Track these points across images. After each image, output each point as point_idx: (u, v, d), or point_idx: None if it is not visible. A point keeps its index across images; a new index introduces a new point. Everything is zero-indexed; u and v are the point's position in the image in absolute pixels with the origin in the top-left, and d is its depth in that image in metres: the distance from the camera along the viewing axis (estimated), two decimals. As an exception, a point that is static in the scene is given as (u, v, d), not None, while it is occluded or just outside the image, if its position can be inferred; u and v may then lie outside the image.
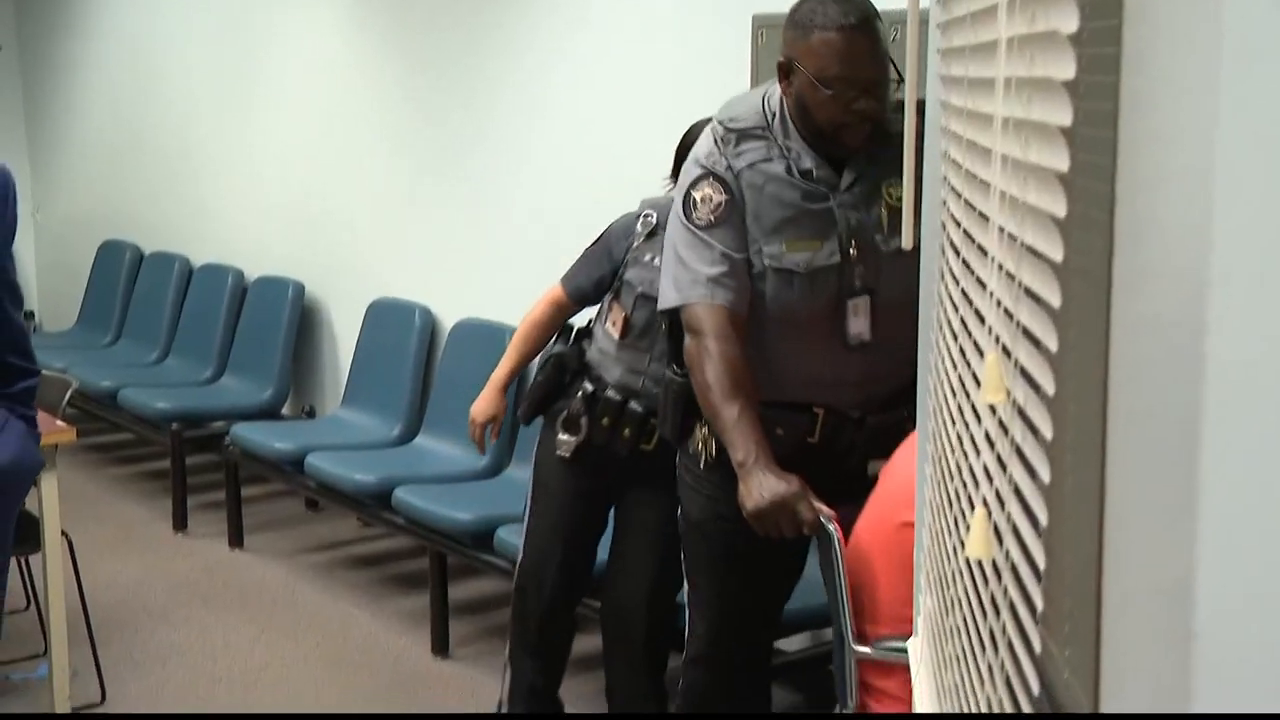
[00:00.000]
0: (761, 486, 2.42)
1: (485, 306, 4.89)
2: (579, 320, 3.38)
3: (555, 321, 3.38)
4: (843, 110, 2.53)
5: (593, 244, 3.32)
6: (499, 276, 4.89)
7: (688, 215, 2.62)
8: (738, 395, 2.50)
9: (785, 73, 2.58)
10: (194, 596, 4.67)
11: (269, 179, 6.04)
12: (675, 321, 2.72)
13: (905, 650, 2.21)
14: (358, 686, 3.97)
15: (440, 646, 4.20)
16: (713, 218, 2.61)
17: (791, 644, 3.67)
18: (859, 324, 2.61)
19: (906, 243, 1.76)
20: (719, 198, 2.61)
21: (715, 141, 2.64)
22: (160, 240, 6.72)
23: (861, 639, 2.30)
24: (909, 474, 2.31)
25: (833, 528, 2.36)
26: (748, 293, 2.60)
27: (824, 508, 2.41)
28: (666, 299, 2.65)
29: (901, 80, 2.55)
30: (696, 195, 2.62)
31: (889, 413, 2.63)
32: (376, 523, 4.76)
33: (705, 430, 2.72)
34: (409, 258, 5.31)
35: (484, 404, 3.49)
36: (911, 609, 2.28)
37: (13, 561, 4.25)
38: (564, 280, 3.37)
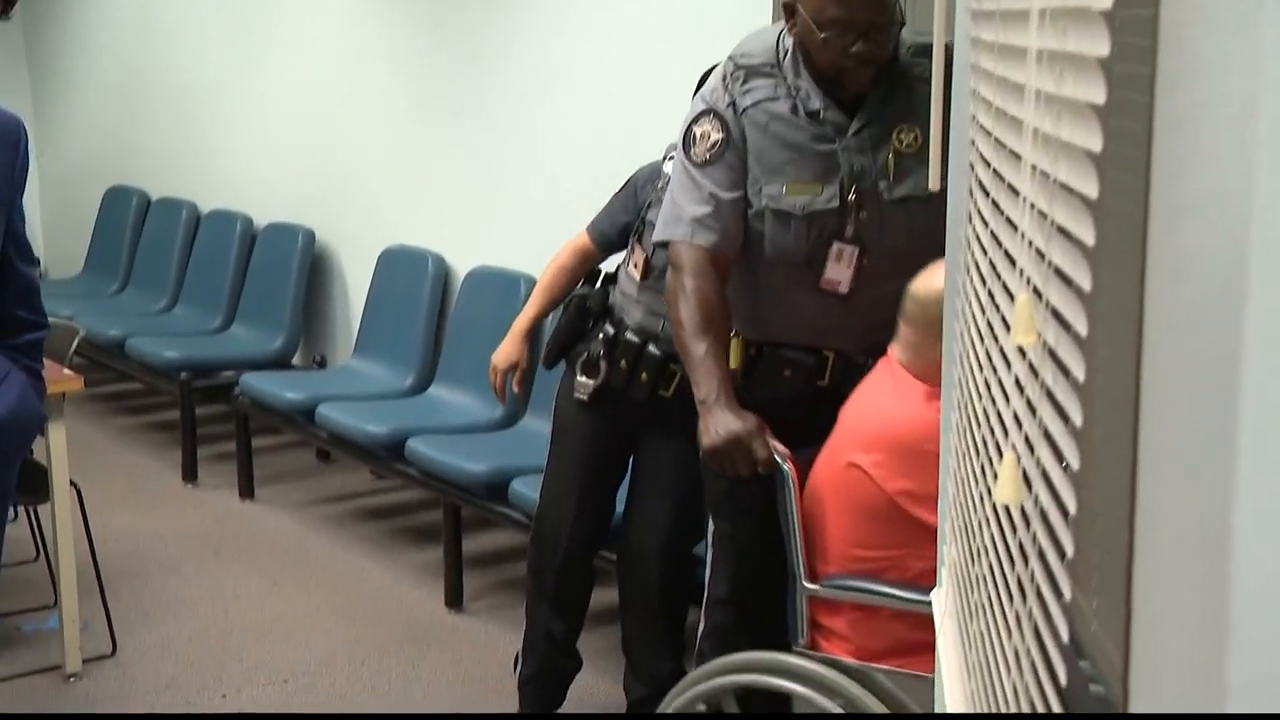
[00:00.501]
0: (718, 424, 2.49)
1: (499, 254, 4.88)
2: (609, 266, 3.38)
3: (580, 268, 3.39)
4: (840, 54, 2.53)
5: (619, 190, 3.32)
6: (513, 224, 4.88)
7: (686, 150, 2.68)
8: (707, 333, 2.57)
9: (789, 13, 2.59)
10: (205, 548, 4.71)
11: (279, 123, 6.03)
12: None
13: (853, 589, 2.27)
14: (370, 639, 4.01)
15: (454, 599, 4.23)
16: (708, 155, 2.65)
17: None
18: (838, 271, 2.61)
19: (934, 184, 1.75)
20: (716, 135, 2.64)
21: (723, 78, 2.67)
22: (167, 186, 6.72)
23: (813, 577, 2.41)
24: (859, 413, 2.43)
25: (787, 467, 2.44)
26: (735, 234, 2.64)
27: (780, 446, 2.49)
28: (656, 233, 2.73)
29: (904, 23, 2.55)
30: (697, 131, 2.67)
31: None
32: (389, 474, 4.78)
33: None
34: (422, 204, 5.30)
35: (506, 350, 3.49)
36: (859, 548, 2.40)
37: (22, 511, 4.29)
38: (590, 227, 3.37)
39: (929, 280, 2.37)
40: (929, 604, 2.13)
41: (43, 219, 7.82)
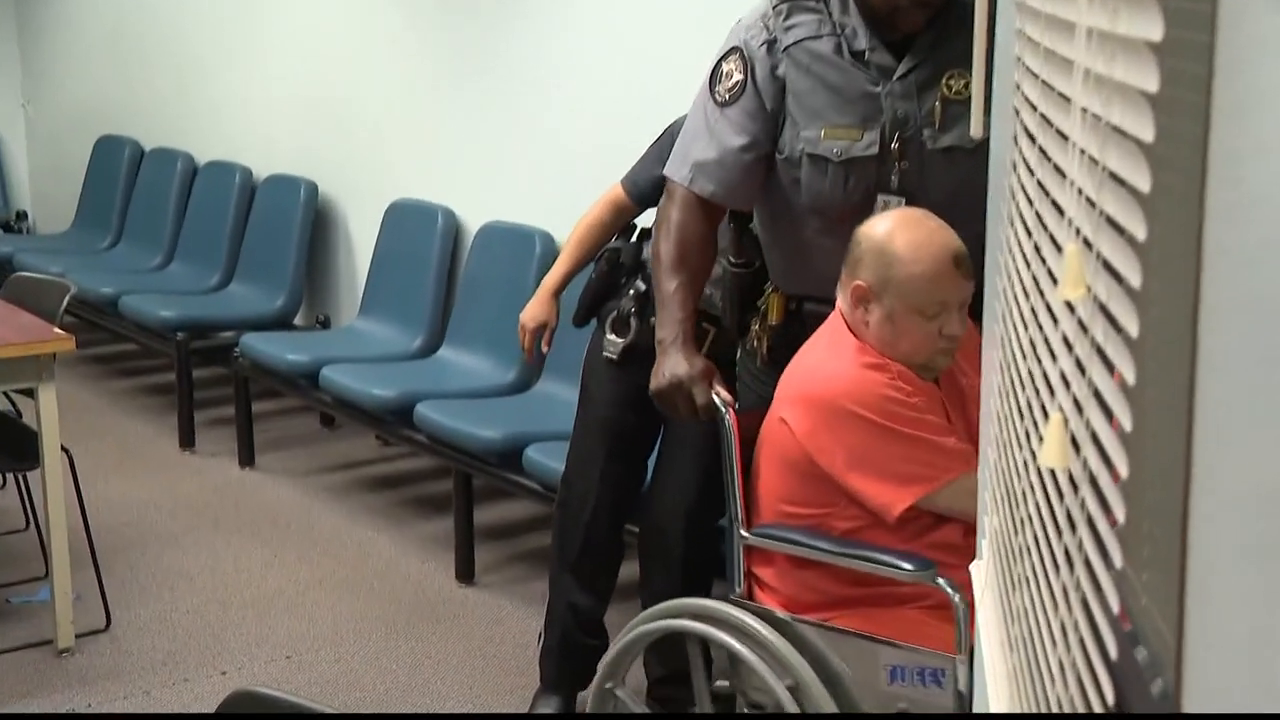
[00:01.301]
0: (668, 365, 2.61)
1: (513, 208, 4.88)
2: (645, 221, 3.37)
3: (614, 224, 3.38)
4: None
5: (655, 140, 3.31)
6: (529, 176, 4.87)
7: (711, 87, 2.71)
8: (680, 271, 2.66)
9: None
10: (202, 518, 4.74)
11: (280, 70, 6.03)
12: (732, 211, 2.83)
13: (782, 539, 2.43)
14: (377, 614, 4.03)
15: (465, 573, 4.25)
16: (727, 95, 2.68)
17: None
18: None
19: (976, 131, 1.74)
20: (738, 76, 2.67)
21: (765, 13, 2.66)
22: (162, 135, 6.73)
23: (748, 526, 2.54)
24: (794, 365, 2.51)
25: (728, 415, 2.57)
26: (737, 187, 2.71)
27: (724, 394, 2.60)
28: (665, 168, 2.80)
29: None
30: (724, 68, 2.71)
31: None
32: (397, 441, 4.80)
33: (758, 326, 2.79)
34: (431, 156, 5.30)
35: (535, 309, 3.50)
36: (786, 504, 2.48)
37: (10, 478, 4.32)
38: (624, 179, 3.37)
39: (871, 223, 2.45)
40: (859, 559, 2.27)
41: (30, 170, 7.85)
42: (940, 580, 2.26)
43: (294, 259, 5.71)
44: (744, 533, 2.55)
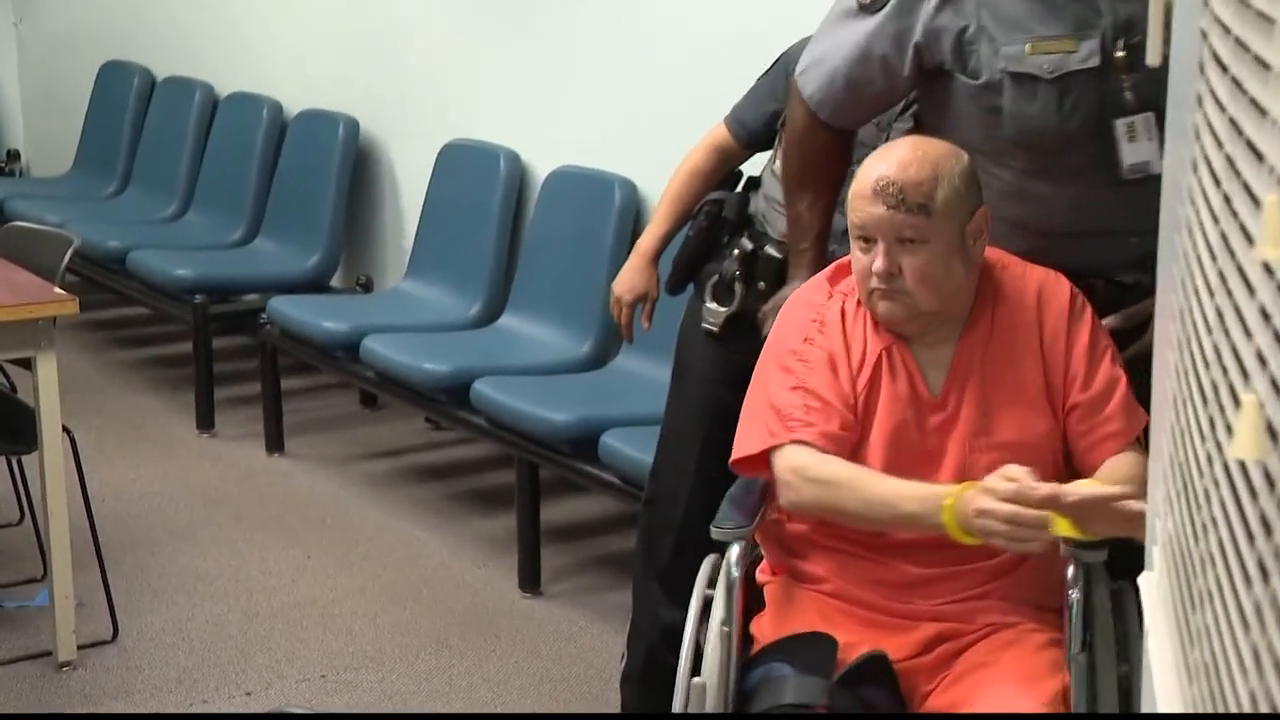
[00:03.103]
0: (787, 288, 2.85)
1: (588, 151, 4.89)
2: (753, 168, 3.38)
3: (718, 169, 3.38)
4: None
5: (766, 70, 3.30)
6: (607, 112, 4.88)
7: None
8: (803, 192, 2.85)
9: None
10: (224, 512, 4.81)
11: (314, -16, 6.08)
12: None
13: None
14: (426, 628, 4.08)
15: (529, 580, 4.28)
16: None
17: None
18: (1141, 150, 2.59)
19: (1153, 58, 1.73)
20: None
21: None
22: (177, 62, 6.80)
23: None
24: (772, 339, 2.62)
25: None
26: (859, 110, 2.78)
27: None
28: (795, 71, 2.85)
29: None
30: None
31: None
32: (450, 424, 4.84)
33: None
34: (492, 89, 5.32)
35: (630, 278, 3.50)
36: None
37: (3, 462, 4.41)
38: (728, 116, 3.37)
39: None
40: None
41: (23, 102, 7.97)
42: None
43: (330, 210, 5.76)
44: None
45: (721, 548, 2.64)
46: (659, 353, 3.87)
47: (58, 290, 3.86)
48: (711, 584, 2.62)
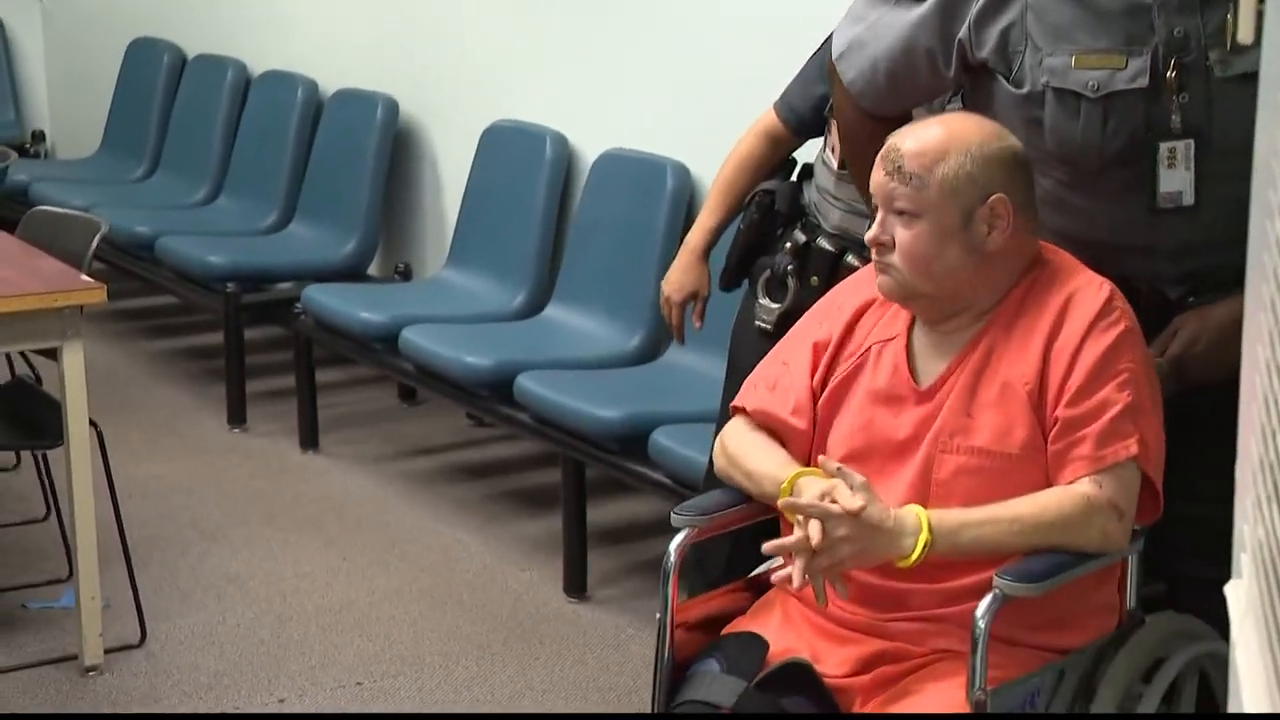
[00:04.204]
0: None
1: (639, 134, 4.89)
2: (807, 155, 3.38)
3: (769, 156, 3.38)
4: None
5: (815, 52, 3.29)
6: (659, 93, 4.88)
7: None
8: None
9: None
10: (255, 511, 4.84)
11: (351, -43, 6.10)
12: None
13: None
14: (467, 633, 4.10)
15: (575, 585, 4.29)
16: None
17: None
18: (1176, 179, 2.58)
19: (1245, 35, 1.72)
20: None
21: None
22: (208, 40, 6.84)
23: None
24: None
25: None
26: (901, 101, 2.78)
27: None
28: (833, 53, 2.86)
29: None
30: None
31: (1222, 295, 2.59)
32: (492, 420, 4.85)
33: None
34: (538, 68, 5.33)
35: (679, 276, 3.51)
36: None
37: (28, 458, 4.45)
38: (778, 101, 3.36)
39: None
40: None
41: (48, 81, 8.02)
42: None
43: (368, 194, 5.78)
44: None
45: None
46: (712, 346, 3.87)
47: (85, 278, 3.89)
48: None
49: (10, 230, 4.41)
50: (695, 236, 3.51)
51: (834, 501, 2.35)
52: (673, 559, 2.62)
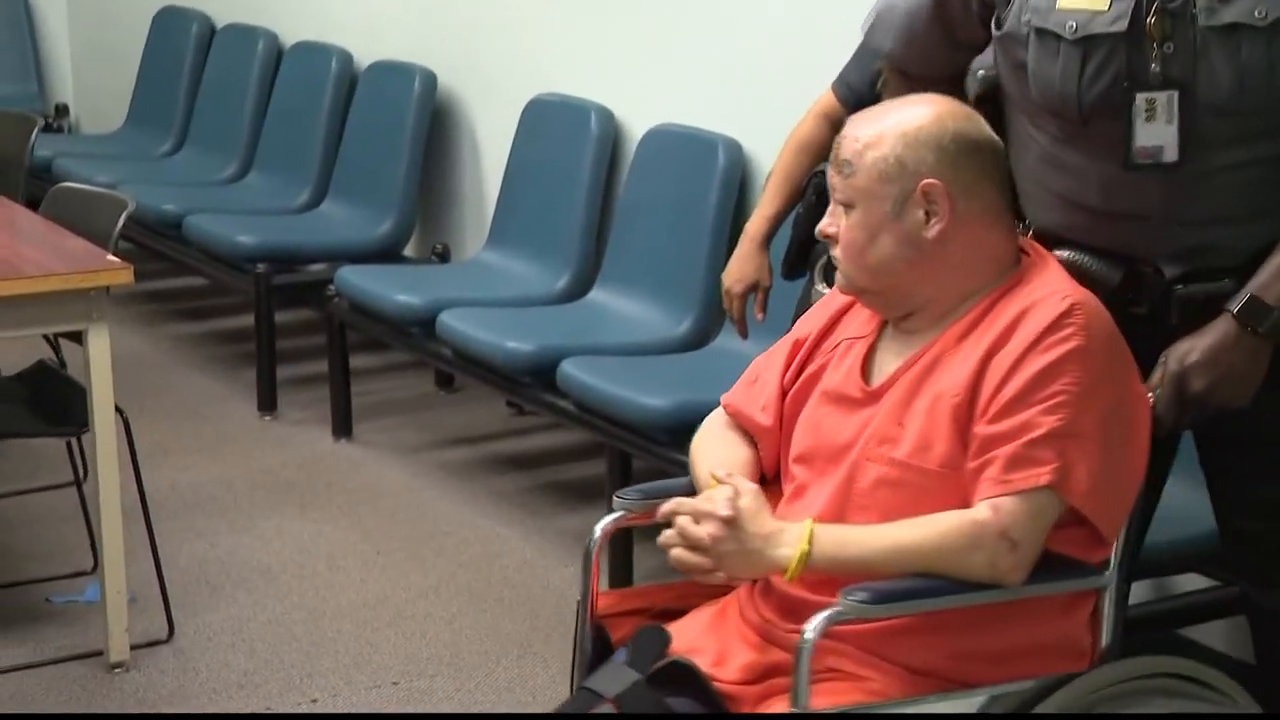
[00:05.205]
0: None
1: (689, 108, 4.89)
2: None
3: (828, 140, 3.35)
4: None
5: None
6: (710, 67, 4.87)
7: None
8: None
9: None
10: (287, 502, 4.87)
11: (388, -77, 6.11)
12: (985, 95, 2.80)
13: None
14: (508, 631, 4.11)
15: (621, 582, 4.28)
16: None
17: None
18: (1154, 134, 2.54)
19: None
20: None
21: None
22: (238, 9, 6.86)
23: None
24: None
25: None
26: (934, 64, 2.78)
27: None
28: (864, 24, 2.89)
29: None
30: None
31: (1209, 279, 2.58)
32: (534, 408, 4.85)
33: None
34: (582, 39, 5.33)
35: (739, 267, 3.51)
36: None
37: (49, 447, 4.47)
38: (836, 81, 3.36)
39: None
40: None
41: (72, 52, 8.06)
42: None
43: (405, 171, 5.79)
44: None
45: None
46: (765, 332, 3.84)
47: (111, 258, 3.90)
48: None
49: (34, 208, 4.44)
50: (755, 225, 3.50)
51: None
52: (595, 539, 2.65)
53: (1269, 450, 2.66)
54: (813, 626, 2.29)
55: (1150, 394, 2.49)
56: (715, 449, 2.63)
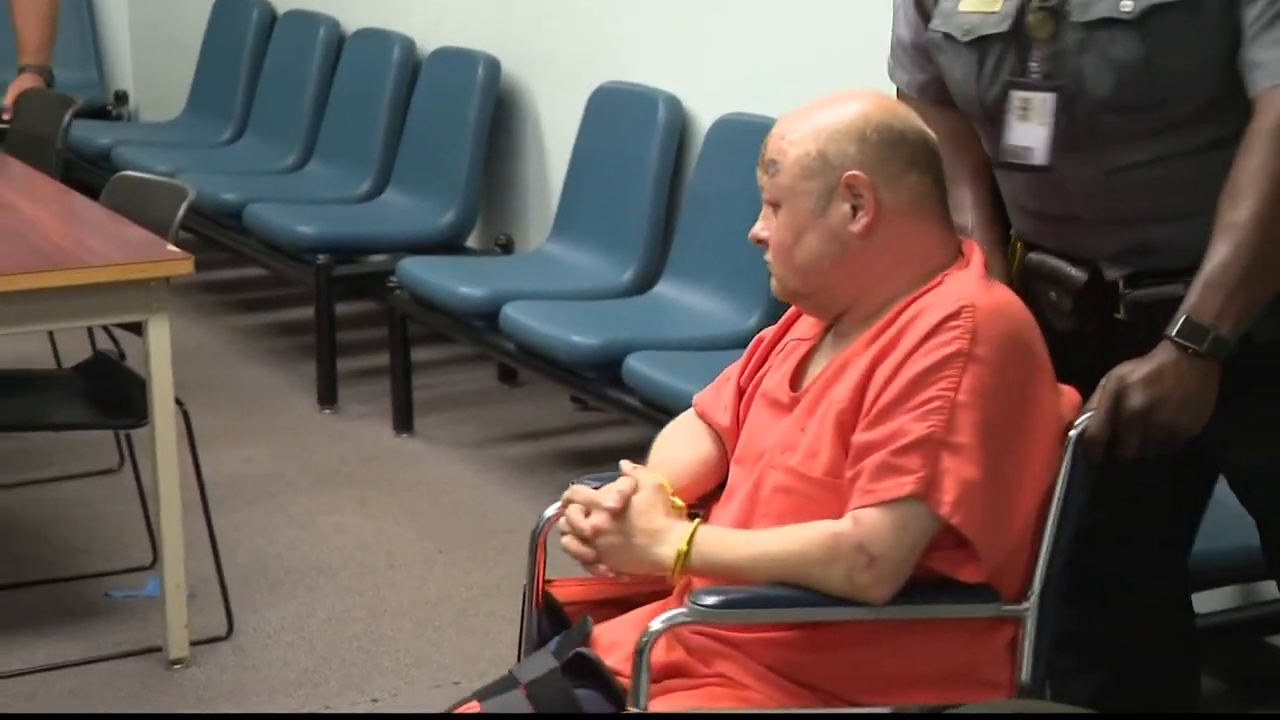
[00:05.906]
0: None
1: (758, 97, 4.88)
2: None
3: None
4: None
5: None
6: (780, 54, 4.87)
7: None
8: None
9: None
10: (347, 497, 4.90)
11: (452, -93, 6.13)
12: None
13: None
14: (572, 631, 4.13)
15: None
16: None
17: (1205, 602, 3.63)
18: (1025, 134, 2.56)
19: None
20: None
21: None
22: (300, -5, 6.91)
23: None
24: None
25: None
26: (933, 73, 2.76)
27: None
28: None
29: None
30: None
31: (1160, 283, 2.55)
32: (599, 404, 4.86)
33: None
34: (650, 25, 5.33)
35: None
36: None
37: (108, 438, 4.51)
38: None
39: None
40: None
41: (131, 39, 8.12)
42: None
43: (468, 160, 5.81)
44: None
45: None
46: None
47: (172, 248, 3.92)
48: None
49: (94, 196, 4.48)
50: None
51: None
52: (541, 526, 2.68)
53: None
54: (653, 627, 2.31)
55: (1084, 414, 2.41)
56: (668, 445, 2.64)
